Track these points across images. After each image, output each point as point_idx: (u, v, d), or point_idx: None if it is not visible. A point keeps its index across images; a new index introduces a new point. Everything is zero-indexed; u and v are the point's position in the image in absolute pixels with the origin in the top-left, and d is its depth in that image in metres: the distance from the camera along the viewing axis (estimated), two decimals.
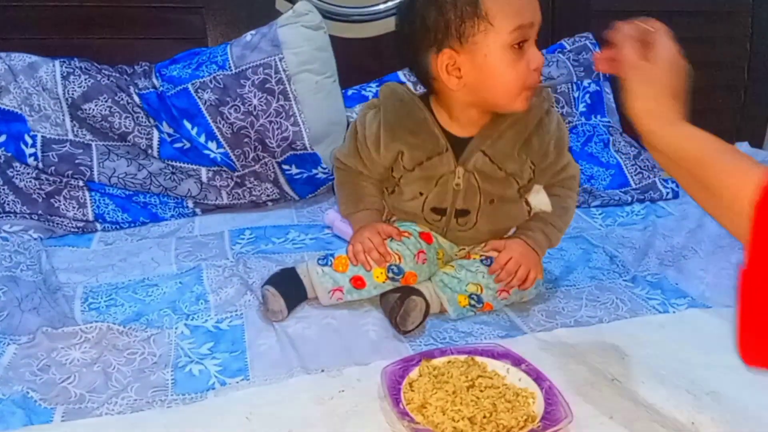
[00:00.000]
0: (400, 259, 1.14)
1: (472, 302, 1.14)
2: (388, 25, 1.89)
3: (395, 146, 1.15)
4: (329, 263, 1.15)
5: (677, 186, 1.80)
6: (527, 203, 1.20)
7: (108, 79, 1.59)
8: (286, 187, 1.68)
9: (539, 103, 1.13)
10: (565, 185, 1.23)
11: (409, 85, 1.61)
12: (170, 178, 1.59)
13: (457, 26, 1.02)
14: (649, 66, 0.81)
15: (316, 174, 1.67)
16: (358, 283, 1.14)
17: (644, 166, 1.84)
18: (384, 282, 1.14)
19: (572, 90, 1.93)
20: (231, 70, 1.62)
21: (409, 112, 1.14)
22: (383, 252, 1.13)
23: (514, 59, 1.02)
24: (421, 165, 1.15)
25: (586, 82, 1.95)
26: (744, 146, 2.09)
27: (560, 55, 1.98)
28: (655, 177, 1.81)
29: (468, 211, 1.17)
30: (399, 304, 1.07)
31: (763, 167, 0.67)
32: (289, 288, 1.14)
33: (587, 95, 1.94)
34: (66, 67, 1.57)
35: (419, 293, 1.10)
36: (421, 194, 1.18)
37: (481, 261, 1.16)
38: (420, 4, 1.05)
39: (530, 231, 1.19)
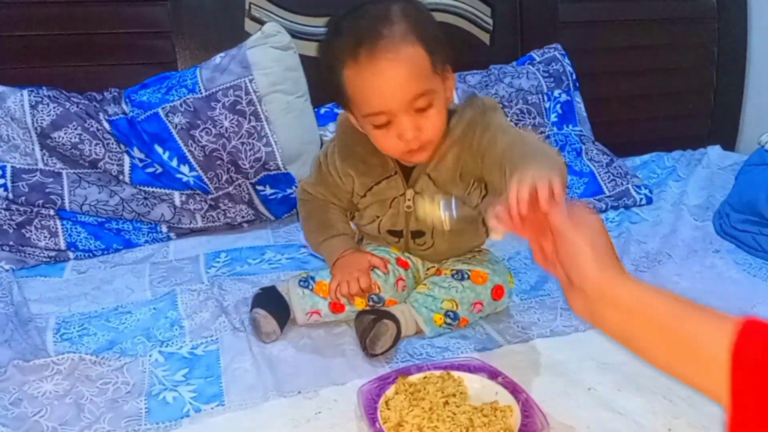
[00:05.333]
0: (379, 289, 1.14)
1: (449, 320, 1.13)
2: None
3: (347, 172, 1.17)
4: (311, 287, 1.15)
5: (651, 192, 1.81)
6: (484, 223, 1.18)
7: (77, 107, 1.58)
8: (261, 208, 1.67)
9: (474, 114, 1.09)
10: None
11: None
12: (143, 203, 1.58)
13: (338, 97, 1.06)
14: (584, 217, 0.75)
15: (291, 193, 1.67)
16: (337, 307, 1.15)
17: (617, 174, 1.86)
18: (364, 308, 1.14)
19: (543, 100, 1.94)
20: (201, 93, 1.62)
21: (362, 137, 1.12)
22: (367, 289, 1.12)
23: (381, 133, 1.03)
24: (371, 190, 1.17)
25: (556, 93, 1.96)
26: (716, 149, 2.11)
27: (530, 66, 1.99)
28: (628, 184, 1.83)
29: (423, 232, 1.18)
30: (370, 327, 1.07)
31: (735, 317, 0.61)
32: (277, 307, 1.14)
33: (558, 105, 1.95)
34: (34, 96, 1.55)
35: (393, 318, 1.09)
36: (377, 217, 1.19)
37: (453, 276, 1.16)
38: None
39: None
